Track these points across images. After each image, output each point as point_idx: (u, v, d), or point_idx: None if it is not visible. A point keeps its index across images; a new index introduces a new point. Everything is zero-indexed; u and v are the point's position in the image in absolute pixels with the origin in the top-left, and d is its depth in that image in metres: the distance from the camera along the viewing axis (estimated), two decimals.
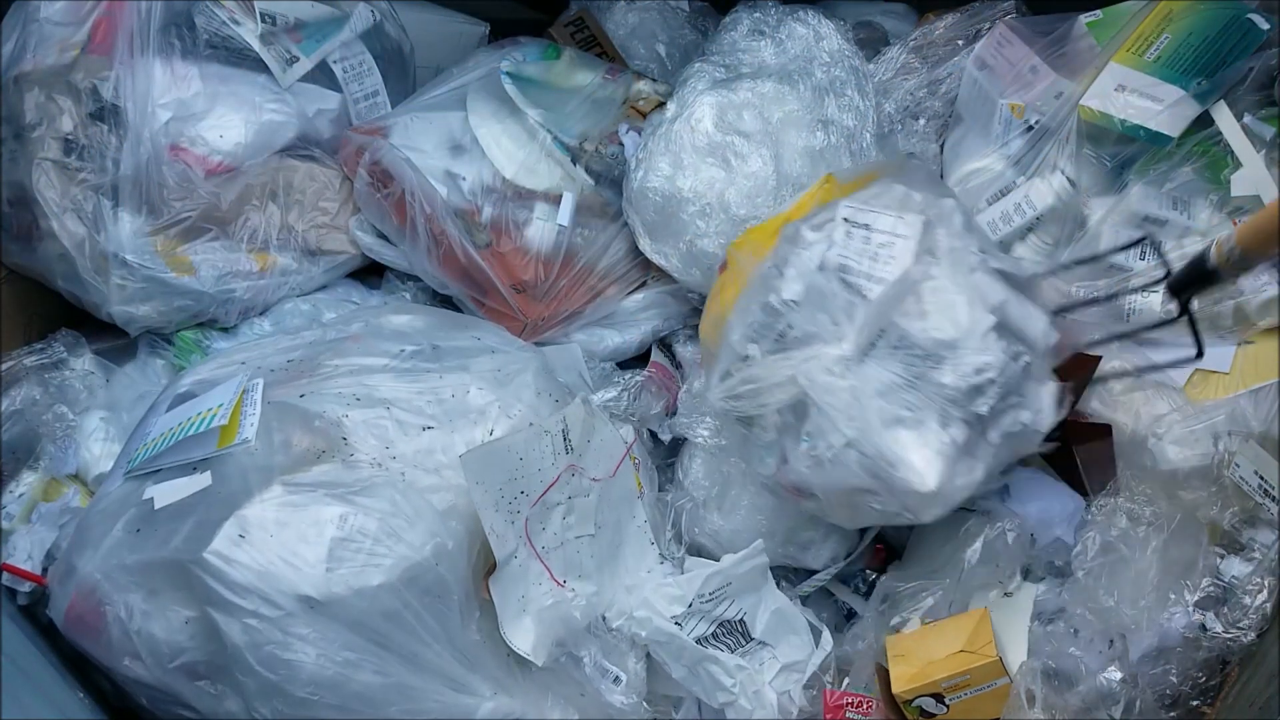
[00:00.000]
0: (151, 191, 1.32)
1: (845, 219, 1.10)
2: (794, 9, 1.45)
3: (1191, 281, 1.05)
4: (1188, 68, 1.23)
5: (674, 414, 1.34)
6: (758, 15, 1.45)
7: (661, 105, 1.47)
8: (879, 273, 1.07)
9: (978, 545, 1.15)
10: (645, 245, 1.39)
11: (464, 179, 1.41)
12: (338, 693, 1.00)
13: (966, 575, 1.15)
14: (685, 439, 1.31)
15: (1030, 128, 1.31)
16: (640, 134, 1.44)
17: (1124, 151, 1.25)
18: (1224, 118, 1.22)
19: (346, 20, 1.44)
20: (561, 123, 1.44)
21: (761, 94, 1.36)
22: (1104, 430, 1.22)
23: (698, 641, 1.13)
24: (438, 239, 1.38)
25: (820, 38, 1.42)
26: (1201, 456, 1.17)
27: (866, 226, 1.09)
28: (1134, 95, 1.23)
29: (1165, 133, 1.22)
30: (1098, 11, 1.34)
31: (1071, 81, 1.29)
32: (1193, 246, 1.22)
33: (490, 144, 1.42)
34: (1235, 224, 1.21)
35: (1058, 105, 1.29)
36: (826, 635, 1.19)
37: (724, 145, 1.34)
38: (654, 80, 1.53)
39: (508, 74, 1.47)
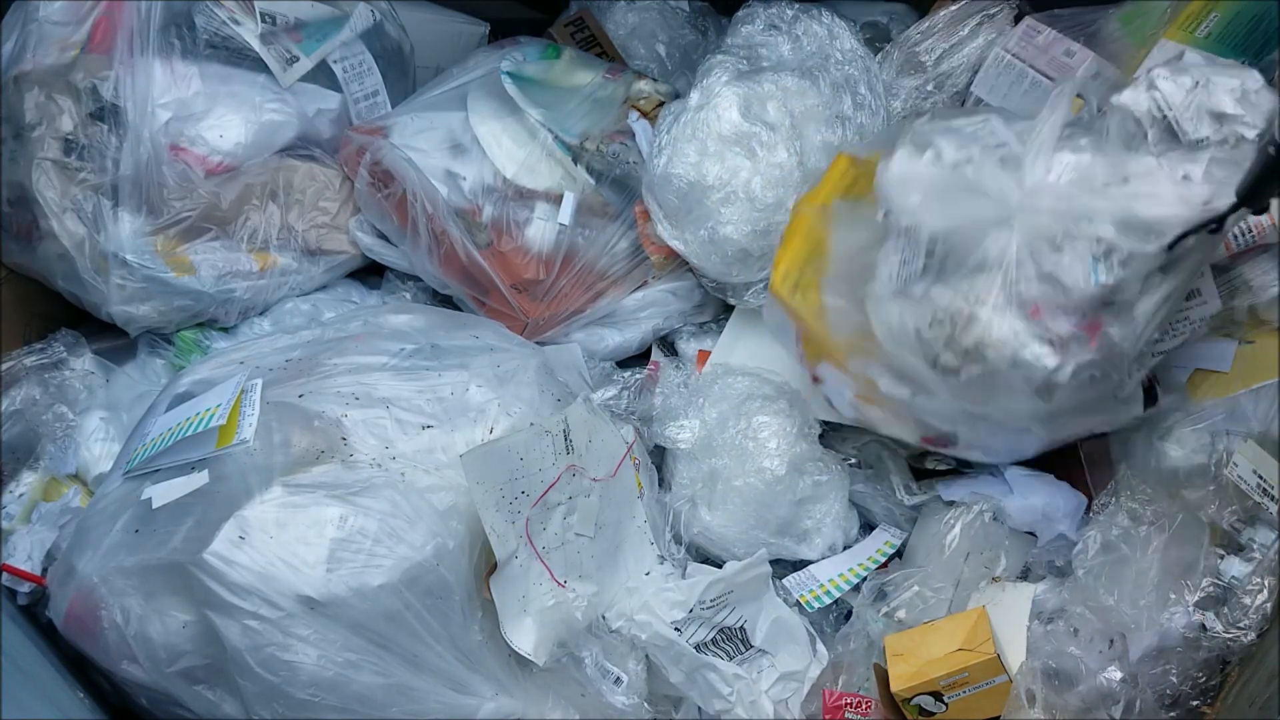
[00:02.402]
0: (151, 191, 1.32)
1: None
2: (807, 7, 1.46)
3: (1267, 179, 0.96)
4: (1238, 44, 1.23)
5: (650, 421, 1.33)
6: (772, 11, 1.45)
7: (662, 104, 1.47)
8: None
9: (956, 530, 1.18)
10: (664, 231, 1.39)
11: (464, 179, 1.41)
12: (338, 694, 1.00)
13: (949, 559, 1.17)
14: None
15: None
16: (651, 124, 1.44)
17: None
18: None
19: (346, 20, 1.44)
20: (562, 122, 1.44)
21: (785, 87, 1.36)
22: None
23: (697, 647, 1.13)
24: (439, 238, 1.38)
25: (834, 36, 1.43)
26: (1202, 456, 1.18)
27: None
28: None
29: None
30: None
31: (1112, 66, 1.29)
32: None
33: (491, 143, 1.42)
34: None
35: (1105, 90, 1.29)
36: (821, 648, 1.19)
37: (750, 135, 1.34)
38: (654, 80, 1.53)
39: (508, 73, 1.46)
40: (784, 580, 1.25)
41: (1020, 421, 1.11)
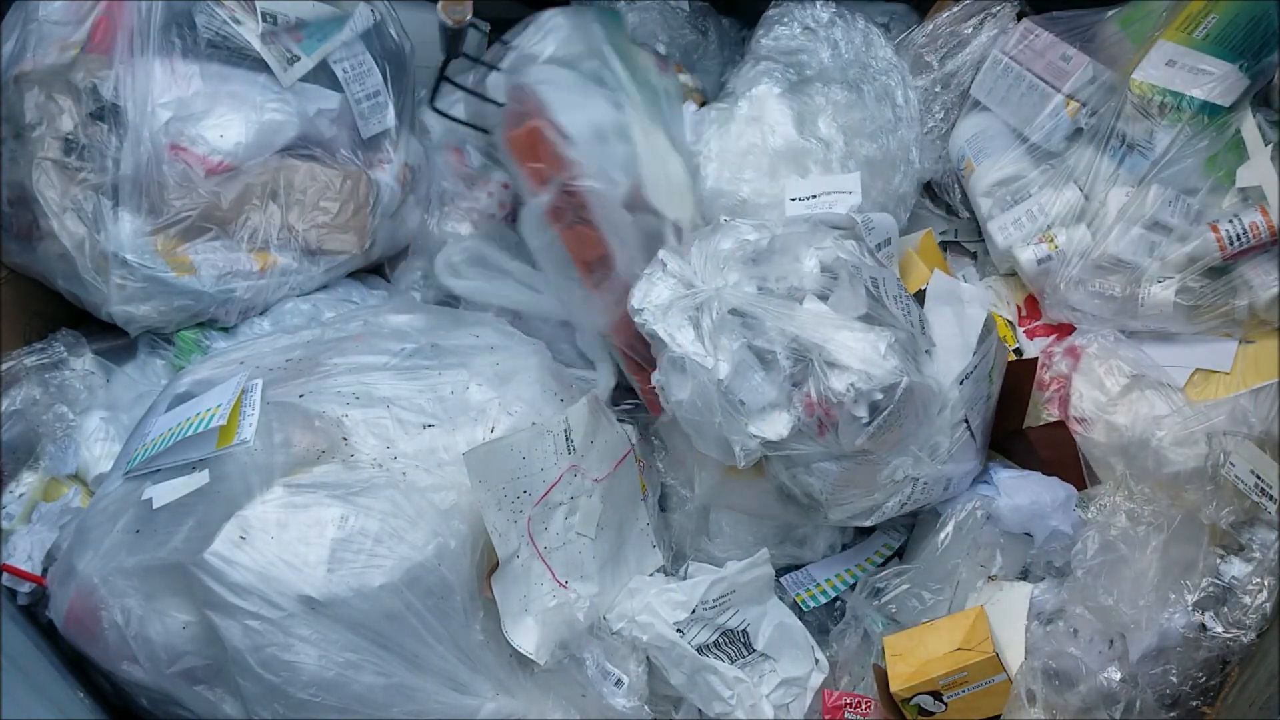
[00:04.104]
0: (151, 191, 1.32)
1: None
2: (840, 11, 1.44)
3: None
4: (1236, 45, 1.25)
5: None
6: (806, 14, 1.44)
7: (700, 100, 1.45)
8: None
9: (949, 528, 1.19)
10: None
11: None
12: (339, 694, 1.00)
13: (942, 556, 1.18)
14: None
15: (1080, 130, 1.32)
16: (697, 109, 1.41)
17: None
18: (1244, 113, 1.24)
19: (347, 20, 1.44)
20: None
21: (834, 101, 1.35)
22: (1059, 426, 1.24)
23: (700, 649, 1.13)
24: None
25: (869, 44, 1.41)
26: (1201, 457, 1.18)
27: None
28: (1185, 70, 1.24)
29: (1218, 103, 1.23)
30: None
31: (1109, 70, 1.30)
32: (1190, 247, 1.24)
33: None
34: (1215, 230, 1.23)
35: (1100, 93, 1.30)
36: (823, 659, 1.19)
37: (805, 151, 1.33)
38: (690, 73, 1.51)
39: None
40: (781, 578, 1.25)
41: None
